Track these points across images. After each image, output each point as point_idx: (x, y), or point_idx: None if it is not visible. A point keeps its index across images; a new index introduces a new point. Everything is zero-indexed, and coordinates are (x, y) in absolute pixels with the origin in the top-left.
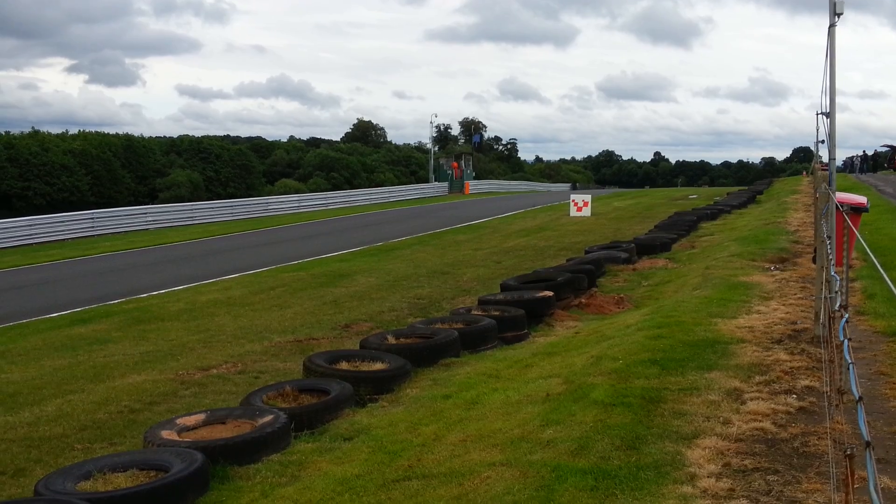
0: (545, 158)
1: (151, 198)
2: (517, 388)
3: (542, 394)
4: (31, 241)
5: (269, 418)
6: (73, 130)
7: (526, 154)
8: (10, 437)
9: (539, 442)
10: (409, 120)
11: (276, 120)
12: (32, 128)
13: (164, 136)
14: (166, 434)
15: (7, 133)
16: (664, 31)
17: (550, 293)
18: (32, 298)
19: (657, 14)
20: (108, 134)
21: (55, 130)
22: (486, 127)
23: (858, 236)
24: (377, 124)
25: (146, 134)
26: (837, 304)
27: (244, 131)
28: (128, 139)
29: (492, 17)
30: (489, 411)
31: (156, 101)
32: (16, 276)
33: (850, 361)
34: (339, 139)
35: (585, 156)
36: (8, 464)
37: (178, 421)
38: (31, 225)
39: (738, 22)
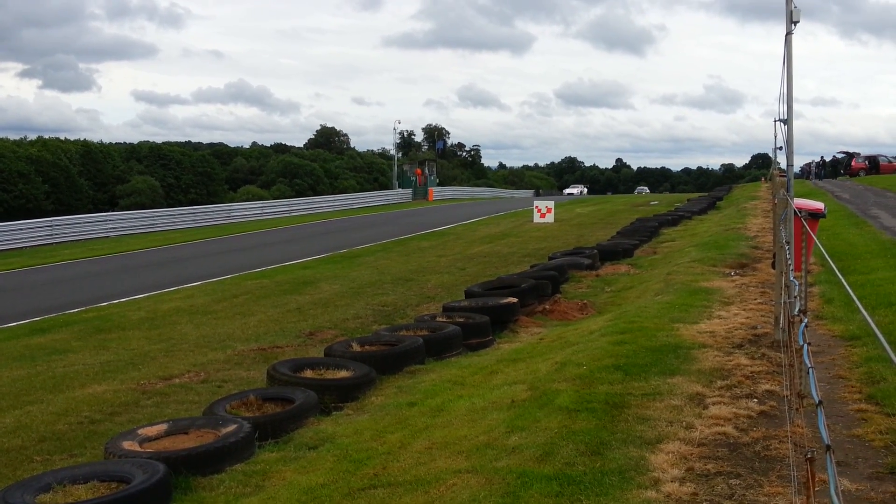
0: (508, 165)
1: (111, 205)
2: (482, 395)
3: (507, 400)
4: None
5: (232, 428)
6: (32, 136)
7: (489, 160)
8: None
9: (504, 448)
10: (369, 126)
11: (236, 126)
12: None
13: (124, 143)
14: (128, 445)
15: None
16: (618, 39)
17: (515, 300)
18: None
19: (610, 21)
20: (66, 140)
21: (12, 136)
22: (449, 133)
23: (816, 241)
24: (341, 131)
25: (104, 140)
26: (797, 309)
27: (204, 137)
28: (85, 145)
29: (447, 24)
30: (454, 418)
31: (112, 106)
32: None
33: (809, 366)
34: (300, 145)
35: (548, 162)
36: None
37: (140, 431)
38: None
39: (690, 30)
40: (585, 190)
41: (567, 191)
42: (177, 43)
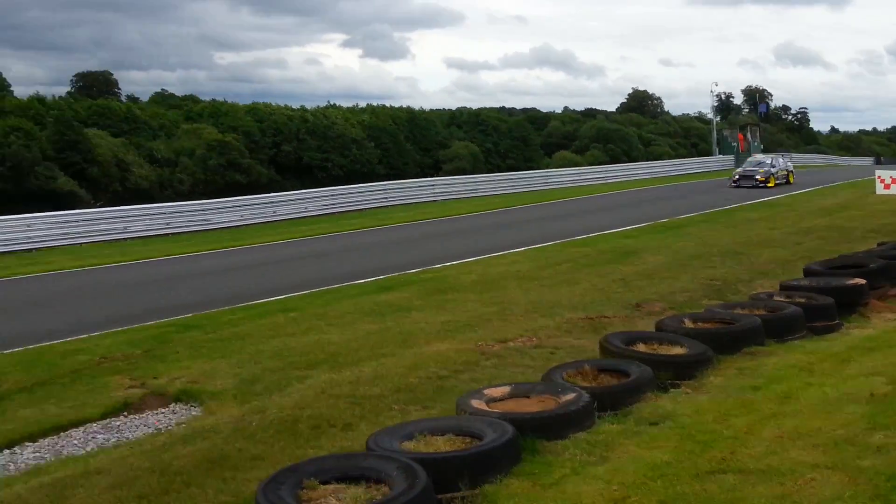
0: (841, 129)
1: (435, 169)
2: (834, 385)
3: (864, 393)
4: (334, 211)
5: (571, 396)
6: (361, 104)
7: (818, 124)
8: (336, 394)
9: (867, 447)
10: (680, 88)
11: (544, 91)
12: (329, 102)
13: (442, 109)
14: (476, 403)
15: (302, 107)
16: None
17: (863, 281)
18: (340, 265)
19: None
20: (394, 107)
21: (344, 104)
22: (771, 95)
23: None
24: (654, 94)
25: (424, 106)
26: None
27: (516, 102)
28: (410, 112)
29: None
30: (804, 408)
31: (426, 73)
32: (327, 242)
33: None
34: (611, 109)
35: (888, 126)
36: (337, 418)
37: (486, 392)
38: (332, 195)
39: None
40: None
41: None
42: (482, 9)
